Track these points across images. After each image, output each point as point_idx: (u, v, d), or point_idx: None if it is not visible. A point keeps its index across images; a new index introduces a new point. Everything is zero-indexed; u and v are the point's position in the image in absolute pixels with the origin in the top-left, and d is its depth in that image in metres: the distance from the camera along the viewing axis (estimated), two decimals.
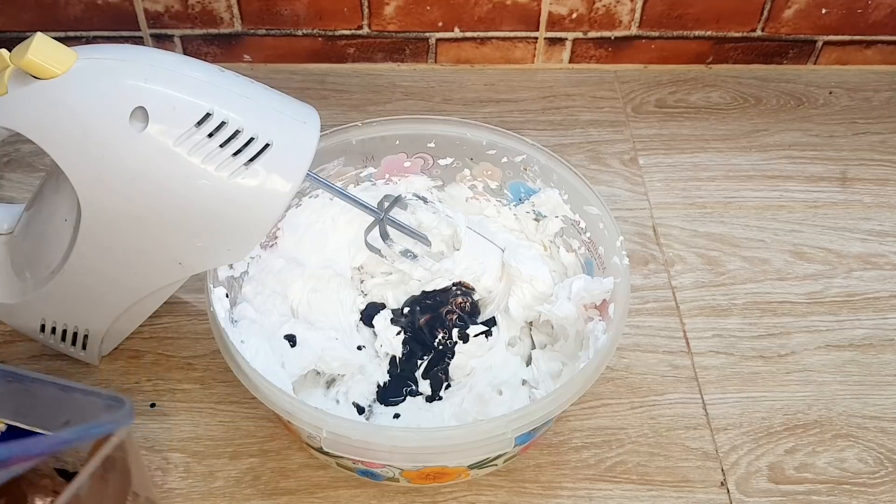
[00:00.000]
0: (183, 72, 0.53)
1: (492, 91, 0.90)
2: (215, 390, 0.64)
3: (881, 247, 0.76)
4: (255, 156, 0.53)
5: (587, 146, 0.84)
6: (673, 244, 0.76)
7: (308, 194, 0.67)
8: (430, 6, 0.87)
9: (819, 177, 0.82)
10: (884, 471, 0.61)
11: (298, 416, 0.50)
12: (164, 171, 0.51)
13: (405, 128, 0.66)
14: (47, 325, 0.62)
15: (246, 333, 0.60)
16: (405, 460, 0.52)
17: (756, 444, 0.62)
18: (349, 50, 0.91)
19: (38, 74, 0.50)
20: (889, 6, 0.88)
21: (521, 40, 0.91)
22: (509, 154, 0.66)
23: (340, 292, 0.67)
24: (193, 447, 0.61)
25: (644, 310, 0.71)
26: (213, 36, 0.89)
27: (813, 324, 0.70)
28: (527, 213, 0.69)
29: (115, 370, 0.66)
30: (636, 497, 0.59)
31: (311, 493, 0.59)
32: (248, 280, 0.63)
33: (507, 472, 0.60)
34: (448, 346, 0.64)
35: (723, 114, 0.89)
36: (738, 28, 0.90)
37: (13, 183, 0.79)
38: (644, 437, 0.63)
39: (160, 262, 0.56)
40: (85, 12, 0.86)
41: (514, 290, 0.65)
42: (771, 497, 0.60)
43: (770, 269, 0.74)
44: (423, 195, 0.68)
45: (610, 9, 0.88)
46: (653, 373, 0.66)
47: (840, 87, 0.92)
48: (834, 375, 0.67)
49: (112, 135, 0.51)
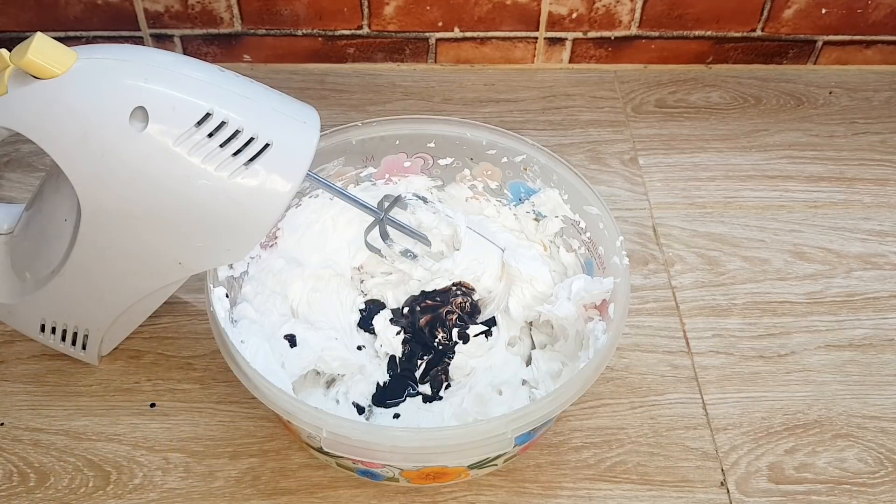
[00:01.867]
0: (183, 72, 0.53)
1: (492, 91, 0.90)
2: (215, 390, 0.64)
3: (881, 247, 0.76)
4: (254, 156, 0.53)
5: (587, 146, 0.84)
6: (673, 244, 0.76)
7: (308, 194, 0.67)
8: (430, 6, 0.87)
9: (819, 177, 0.82)
10: (884, 471, 0.61)
11: (298, 416, 0.50)
12: (164, 171, 0.51)
13: (405, 128, 0.66)
14: (47, 325, 0.62)
15: (246, 333, 0.60)
16: (405, 460, 0.52)
17: (756, 444, 0.62)
18: (349, 50, 0.91)
19: (38, 74, 0.50)
20: (889, 6, 0.88)
21: (521, 40, 0.91)
22: (509, 154, 0.66)
23: (340, 292, 0.67)
24: (193, 447, 0.61)
25: (644, 310, 0.71)
26: (213, 36, 0.89)
27: (813, 324, 0.70)
28: (527, 213, 0.69)
29: (115, 370, 0.66)
30: (636, 497, 0.59)
31: (311, 493, 0.59)
32: (248, 280, 0.63)
33: (507, 472, 0.60)
34: (448, 346, 0.64)
35: (723, 114, 0.89)
36: (738, 28, 0.90)
37: (13, 183, 0.79)
38: (644, 437, 0.63)
39: (160, 262, 0.56)
40: (85, 12, 0.86)
41: (514, 290, 0.65)
42: (771, 497, 0.60)
43: (770, 269, 0.74)
44: (423, 195, 0.68)
45: (610, 9, 0.88)
46: (653, 373, 0.66)
47: (840, 87, 0.92)
48: (834, 375, 0.67)
49: (112, 135, 0.51)
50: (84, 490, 0.59)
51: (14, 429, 0.62)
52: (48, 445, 0.61)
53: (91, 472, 0.60)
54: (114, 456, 0.61)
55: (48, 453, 0.61)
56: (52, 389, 0.64)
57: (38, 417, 0.63)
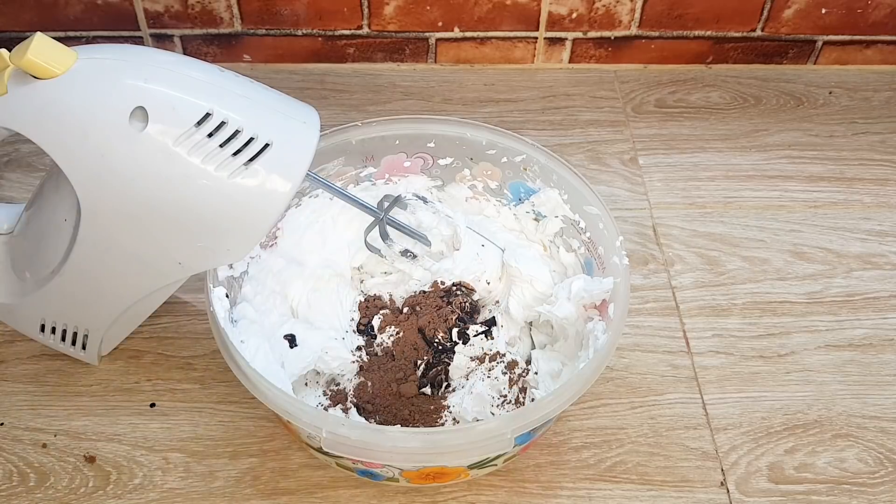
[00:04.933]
0: (183, 72, 0.53)
1: (492, 91, 0.90)
2: (215, 390, 0.64)
3: (881, 247, 0.76)
4: (254, 156, 0.53)
5: (587, 146, 0.84)
6: (673, 244, 0.76)
7: (308, 194, 0.67)
8: (429, 6, 0.87)
9: (819, 177, 0.82)
10: (883, 471, 0.61)
11: (298, 416, 0.50)
12: (164, 170, 0.51)
13: (405, 128, 0.66)
14: (47, 325, 0.62)
15: (246, 333, 0.60)
16: (405, 460, 0.52)
17: (756, 444, 0.62)
18: (349, 50, 0.91)
19: (38, 74, 0.50)
20: (889, 6, 0.88)
21: (520, 40, 0.91)
22: (509, 154, 0.66)
23: (340, 292, 0.67)
24: (193, 447, 0.61)
25: (644, 310, 0.71)
26: (213, 36, 0.89)
27: (813, 324, 0.70)
28: (527, 213, 0.69)
29: (114, 370, 0.66)
30: (636, 497, 0.59)
31: (311, 493, 0.59)
32: (248, 280, 0.63)
33: (507, 472, 0.60)
34: (448, 346, 0.64)
35: (723, 114, 0.89)
36: (737, 28, 0.90)
37: (13, 183, 0.79)
38: (644, 437, 0.63)
39: (160, 262, 0.56)
40: (85, 12, 0.86)
41: (514, 290, 0.65)
42: (771, 497, 0.60)
43: (770, 269, 0.74)
44: (422, 195, 0.68)
45: (610, 9, 0.88)
46: (653, 373, 0.66)
47: (840, 87, 0.92)
48: (834, 375, 0.67)
49: (112, 135, 0.51)
50: (84, 490, 0.59)
51: (14, 429, 0.62)
52: (48, 445, 0.61)
53: (91, 472, 0.60)
54: (114, 456, 0.61)
55: (48, 453, 0.61)
56: (52, 389, 0.64)
57: (38, 417, 0.63)
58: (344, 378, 0.63)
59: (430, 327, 0.64)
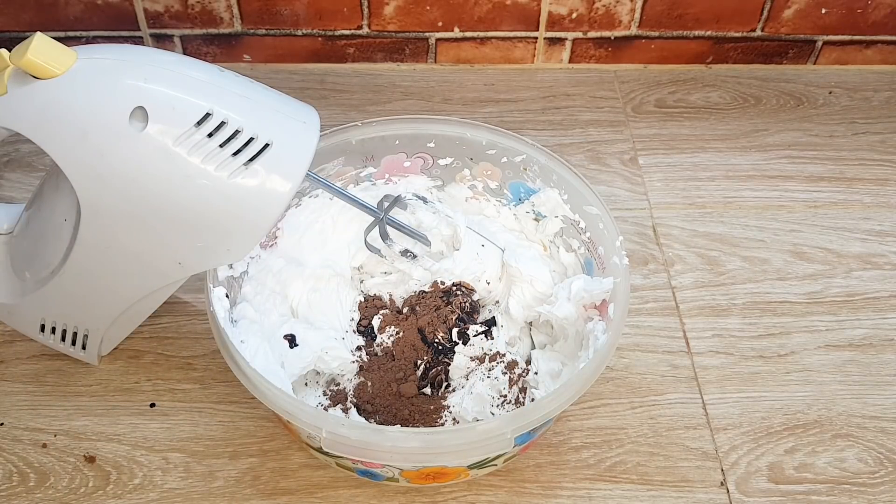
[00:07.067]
0: (183, 72, 0.53)
1: (492, 91, 0.90)
2: (215, 390, 0.64)
3: (881, 247, 0.76)
4: (254, 156, 0.53)
5: (587, 146, 0.84)
6: (673, 244, 0.76)
7: (308, 194, 0.67)
8: (429, 6, 0.87)
9: (819, 177, 0.82)
10: (883, 471, 0.61)
11: (298, 416, 0.50)
12: (164, 170, 0.51)
13: (405, 128, 0.66)
14: (47, 325, 0.62)
15: (246, 333, 0.60)
16: (405, 460, 0.52)
17: (756, 444, 0.62)
18: (349, 50, 0.91)
19: (38, 74, 0.50)
20: (889, 6, 0.88)
21: (520, 40, 0.91)
22: (509, 154, 0.66)
23: (340, 292, 0.67)
24: (193, 447, 0.61)
25: (644, 310, 0.71)
26: (213, 36, 0.89)
27: (813, 324, 0.70)
28: (527, 213, 0.69)
29: (114, 370, 0.66)
30: (636, 497, 0.59)
31: (311, 493, 0.59)
32: (248, 280, 0.63)
33: (507, 472, 0.60)
34: (448, 346, 0.64)
35: (723, 114, 0.89)
36: (737, 28, 0.90)
37: (13, 183, 0.79)
38: (644, 436, 0.63)
39: (160, 263, 0.56)
40: (85, 12, 0.86)
41: (514, 290, 0.65)
42: (771, 497, 0.60)
43: (770, 269, 0.74)
44: (422, 195, 0.68)
45: (610, 9, 0.88)
46: (653, 373, 0.66)
47: (840, 87, 0.92)
48: (834, 375, 0.67)
49: (112, 135, 0.51)
50: (84, 490, 0.59)
51: (14, 429, 0.62)
52: (48, 445, 0.61)
53: (91, 472, 0.60)
54: (114, 456, 0.61)
55: (48, 453, 0.61)
56: (52, 389, 0.64)
57: (37, 417, 0.63)
58: (344, 378, 0.63)
59: (430, 327, 0.64)
